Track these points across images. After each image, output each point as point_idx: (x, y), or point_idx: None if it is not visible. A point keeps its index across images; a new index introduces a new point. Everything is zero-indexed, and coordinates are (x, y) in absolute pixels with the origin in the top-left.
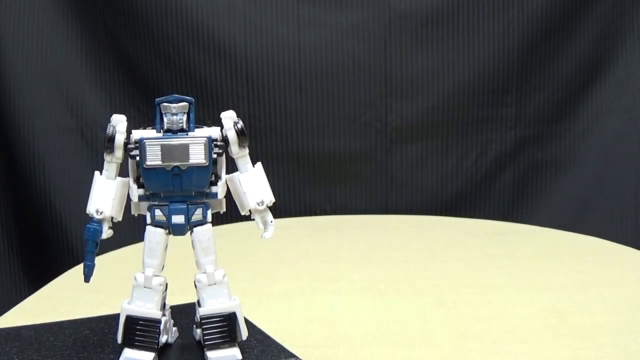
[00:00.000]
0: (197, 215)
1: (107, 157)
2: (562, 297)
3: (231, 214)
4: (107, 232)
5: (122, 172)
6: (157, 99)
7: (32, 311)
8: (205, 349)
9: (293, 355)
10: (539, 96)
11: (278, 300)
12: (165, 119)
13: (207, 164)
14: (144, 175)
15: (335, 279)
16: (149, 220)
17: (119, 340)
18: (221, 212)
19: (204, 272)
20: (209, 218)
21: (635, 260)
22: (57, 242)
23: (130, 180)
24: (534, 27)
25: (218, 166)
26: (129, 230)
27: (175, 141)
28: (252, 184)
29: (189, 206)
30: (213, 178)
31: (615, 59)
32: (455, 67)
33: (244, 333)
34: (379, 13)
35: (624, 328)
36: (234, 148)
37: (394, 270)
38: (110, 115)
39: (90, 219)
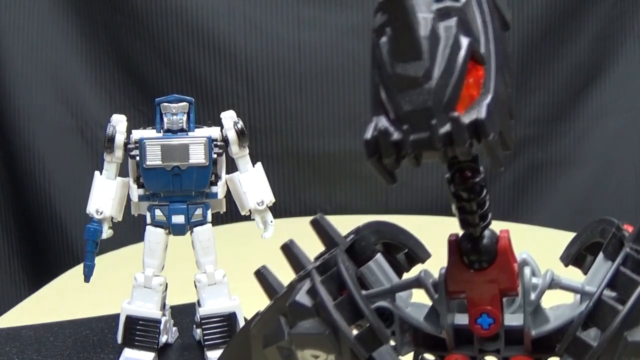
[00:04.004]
0: (197, 215)
1: (107, 157)
2: (563, 297)
3: (231, 214)
4: (107, 232)
5: (122, 172)
6: (157, 99)
7: (32, 311)
8: (205, 349)
9: None
10: (539, 96)
11: None
12: (165, 119)
13: (207, 164)
14: (144, 175)
15: None
16: (149, 220)
17: (119, 340)
18: (221, 212)
19: (204, 272)
20: (209, 218)
21: None
22: (57, 242)
23: (130, 180)
24: (534, 27)
25: (218, 166)
26: (129, 230)
27: (175, 141)
28: (252, 184)
29: (189, 206)
30: (213, 178)
31: (615, 59)
32: None
33: None
34: None
35: None
36: (234, 148)
37: None
38: (110, 115)
39: (90, 219)
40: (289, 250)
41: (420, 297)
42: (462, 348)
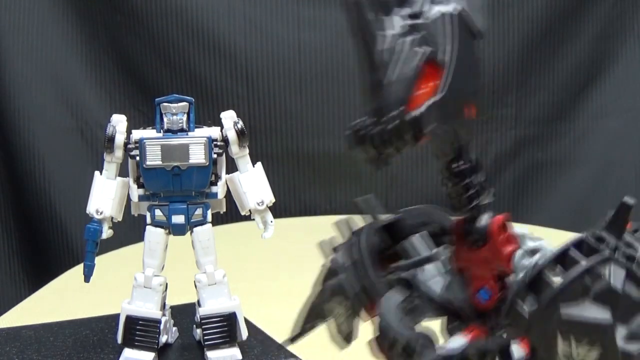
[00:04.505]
0: (197, 215)
1: (107, 157)
2: None
3: (231, 214)
4: (107, 232)
5: (122, 172)
6: (157, 99)
7: (32, 311)
8: (205, 349)
9: (293, 355)
10: (539, 96)
11: (278, 300)
12: (165, 119)
13: (207, 164)
14: (144, 175)
15: None
16: (149, 220)
17: (119, 340)
18: (221, 212)
19: (204, 272)
20: (209, 218)
21: None
22: (57, 242)
23: (130, 180)
24: (534, 27)
25: (218, 166)
26: (129, 230)
27: (175, 141)
28: (252, 184)
29: (189, 206)
30: (213, 178)
31: (615, 59)
32: None
33: (244, 333)
34: None
35: None
36: (234, 148)
37: None
38: (110, 115)
39: (90, 219)
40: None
41: None
42: (480, 320)
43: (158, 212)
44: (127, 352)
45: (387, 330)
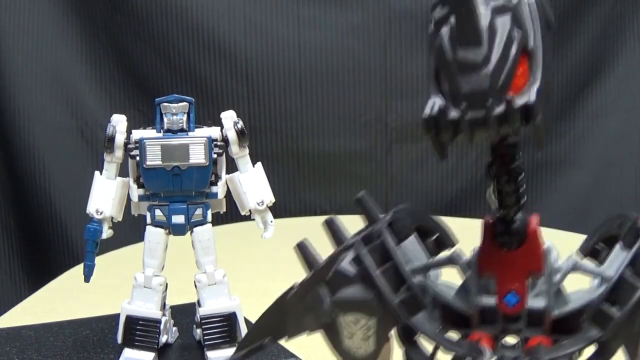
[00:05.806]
0: (197, 215)
1: (107, 157)
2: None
3: (231, 214)
4: (107, 232)
5: (122, 172)
6: (157, 99)
7: (32, 311)
8: (205, 349)
9: (293, 355)
10: None
11: None
12: (165, 119)
13: (207, 164)
14: (144, 175)
15: None
16: (149, 220)
17: (119, 340)
18: (221, 212)
19: (204, 272)
20: (209, 218)
21: None
22: (57, 242)
23: (130, 180)
24: None
25: (218, 166)
26: (129, 230)
27: (175, 141)
28: (252, 184)
29: (189, 206)
30: (213, 178)
31: (615, 59)
32: None
33: (244, 333)
34: (379, 13)
35: None
36: (234, 148)
37: None
38: (110, 115)
39: (90, 219)
40: (331, 226)
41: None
42: (486, 327)
43: (158, 212)
44: (127, 352)
45: None
